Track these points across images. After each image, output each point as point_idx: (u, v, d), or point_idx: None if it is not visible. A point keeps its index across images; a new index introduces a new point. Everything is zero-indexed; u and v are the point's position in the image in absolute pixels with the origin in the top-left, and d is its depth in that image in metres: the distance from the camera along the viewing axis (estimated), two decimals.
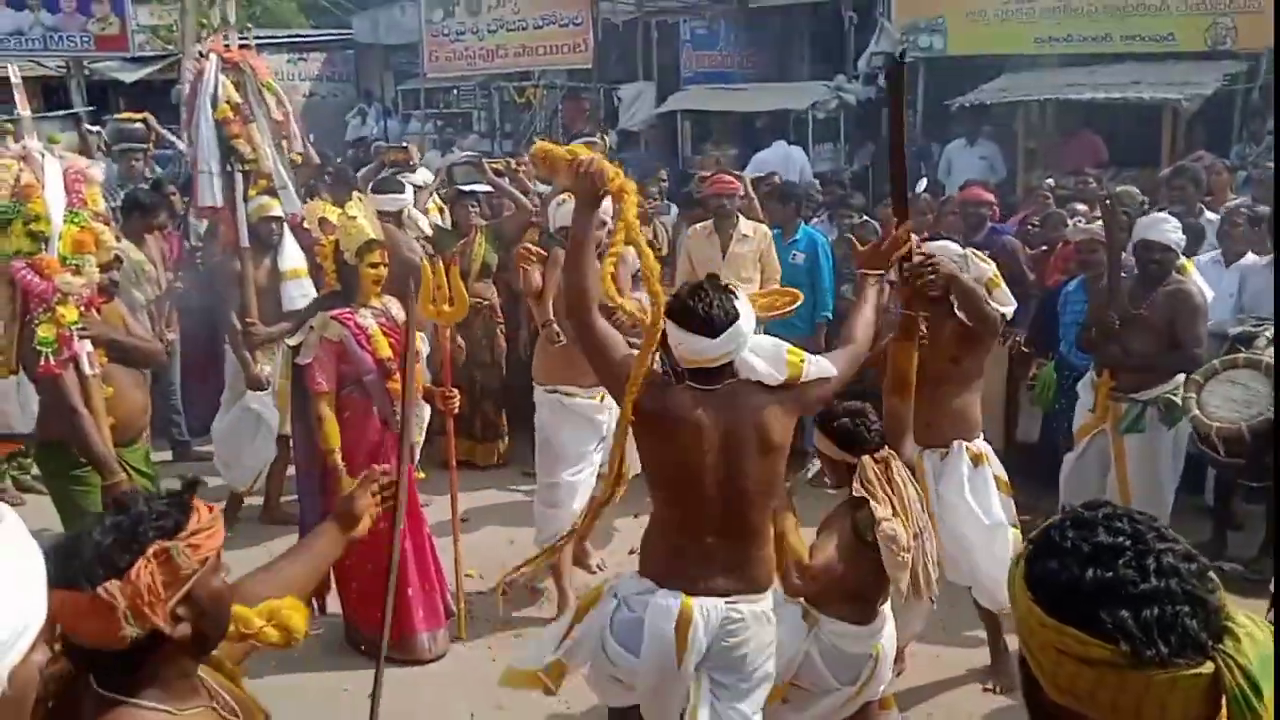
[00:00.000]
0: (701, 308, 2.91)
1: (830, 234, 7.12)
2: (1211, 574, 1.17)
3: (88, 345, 3.89)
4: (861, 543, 3.42)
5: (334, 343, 4.36)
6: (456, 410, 4.70)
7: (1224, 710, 1.11)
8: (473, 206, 6.84)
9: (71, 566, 1.52)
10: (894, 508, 3.46)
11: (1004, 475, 4.35)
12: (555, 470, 4.98)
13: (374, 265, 4.40)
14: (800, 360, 3.05)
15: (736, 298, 2.98)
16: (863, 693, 3.59)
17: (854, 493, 3.42)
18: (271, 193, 5.66)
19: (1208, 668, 1.10)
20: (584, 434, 4.95)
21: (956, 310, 4.24)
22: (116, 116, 9.01)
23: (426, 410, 4.69)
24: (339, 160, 9.04)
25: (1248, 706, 1.08)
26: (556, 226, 5.04)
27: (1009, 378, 6.22)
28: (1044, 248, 6.52)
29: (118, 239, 4.35)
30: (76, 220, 3.77)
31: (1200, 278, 5.37)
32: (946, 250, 4.32)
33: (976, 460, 4.32)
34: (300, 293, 5.70)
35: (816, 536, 3.48)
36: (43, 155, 3.79)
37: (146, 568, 1.54)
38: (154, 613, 1.54)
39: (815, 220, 7.39)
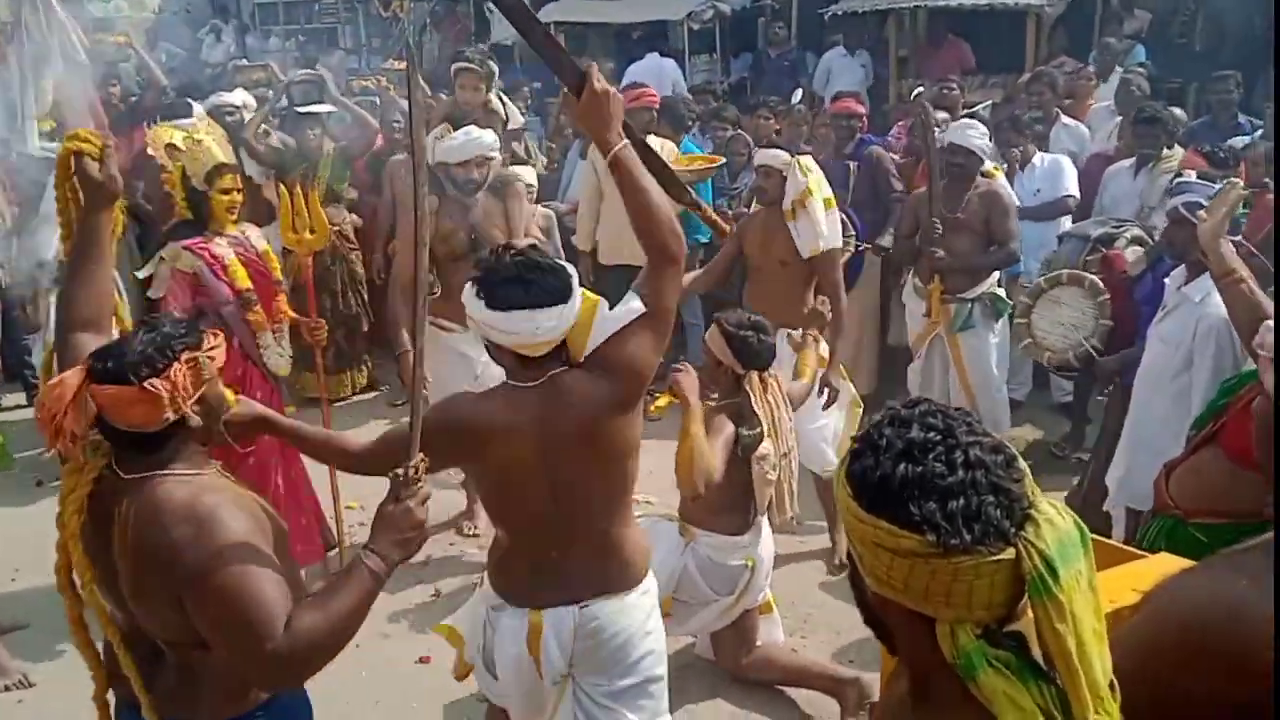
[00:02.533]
0: (525, 275, 2.41)
1: (705, 148, 7.07)
2: (1019, 464, 1.22)
3: None
4: (735, 457, 3.48)
5: (187, 274, 4.16)
6: (325, 341, 4.57)
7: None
8: (312, 128, 6.54)
9: (120, 366, 1.99)
10: (768, 425, 3.52)
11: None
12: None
13: (225, 191, 4.18)
14: (596, 299, 2.57)
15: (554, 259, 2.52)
16: (741, 601, 3.69)
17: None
18: None
19: (1009, 553, 1.15)
20: (457, 370, 4.72)
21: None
22: None
23: (286, 340, 4.52)
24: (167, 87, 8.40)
25: (1045, 588, 1.14)
26: (435, 161, 4.73)
27: (881, 284, 6.33)
28: (913, 156, 6.59)
29: None
30: None
31: (1006, 183, 5.62)
32: (777, 158, 4.65)
33: (796, 347, 4.49)
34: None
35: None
36: None
37: (181, 370, 2.05)
38: (184, 404, 2.05)
39: (688, 134, 7.31)
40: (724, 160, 6.51)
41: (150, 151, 5.54)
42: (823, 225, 4.53)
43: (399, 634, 4.30)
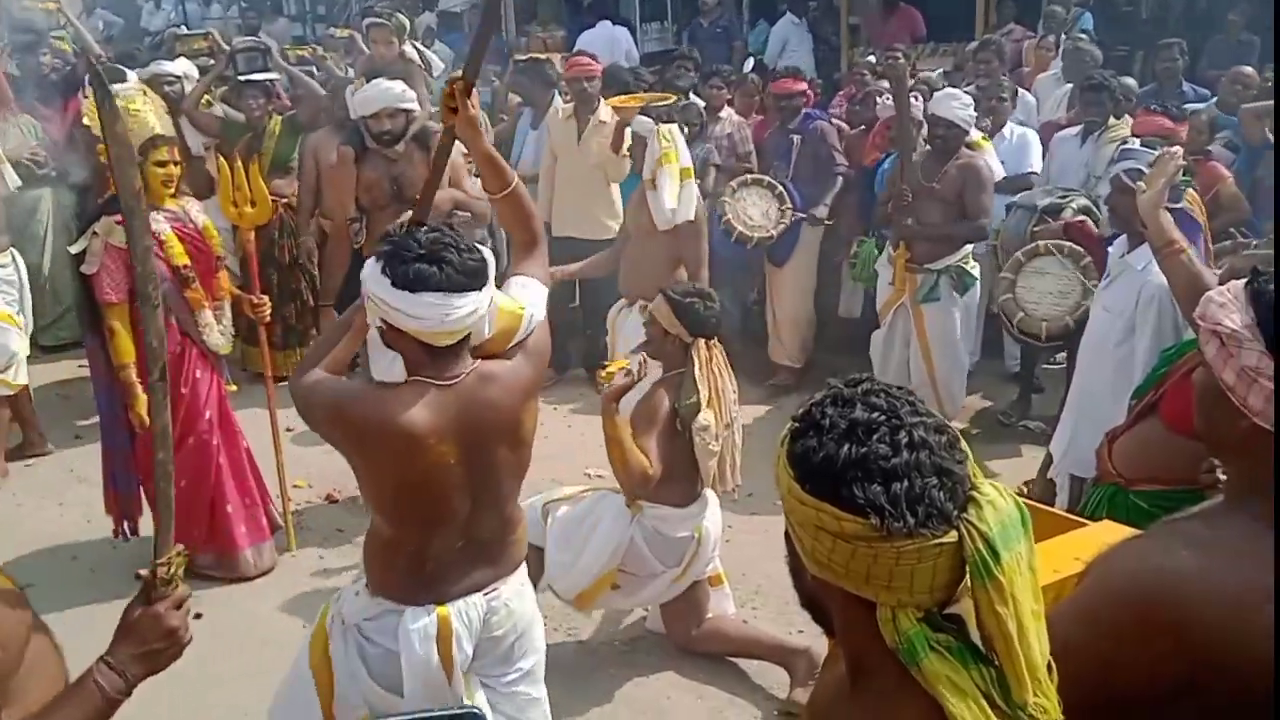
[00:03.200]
0: (439, 254, 2.19)
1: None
2: (961, 444, 1.21)
3: None
4: (676, 429, 3.47)
5: (121, 249, 4.03)
6: (268, 317, 4.48)
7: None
8: (255, 97, 6.38)
9: None
10: (710, 394, 3.51)
11: None
12: (376, 358, 4.84)
13: (161, 164, 4.06)
14: (520, 309, 2.39)
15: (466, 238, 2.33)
16: (688, 573, 3.69)
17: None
18: None
19: (951, 536, 1.14)
20: None
21: None
22: None
23: (227, 317, 4.42)
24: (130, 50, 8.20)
25: (986, 571, 1.13)
26: (356, 115, 4.85)
27: (820, 257, 6.35)
28: (862, 126, 6.58)
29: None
30: None
31: (993, 155, 5.63)
32: (643, 125, 4.78)
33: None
34: None
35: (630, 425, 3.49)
36: None
37: None
38: None
39: None
40: (675, 98, 6.44)
41: (85, 122, 5.38)
42: (669, 197, 4.49)
43: None
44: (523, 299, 2.41)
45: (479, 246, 2.29)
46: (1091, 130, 5.90)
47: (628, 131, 5.92)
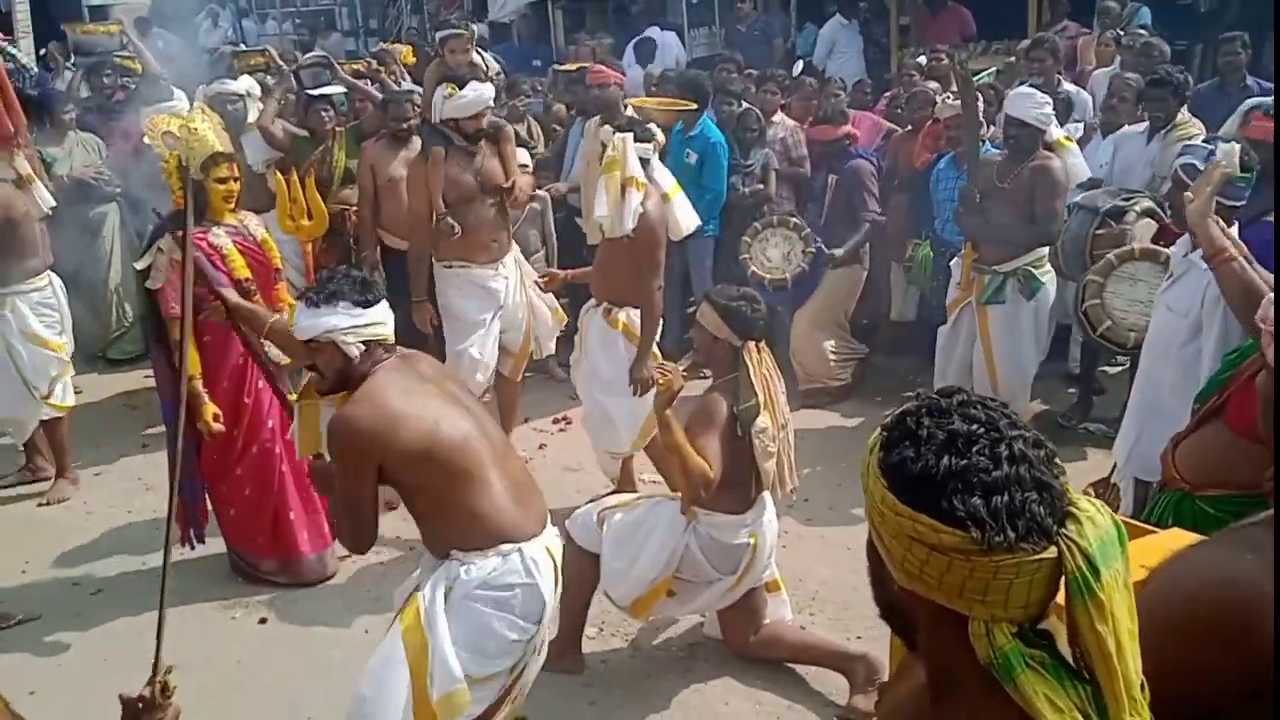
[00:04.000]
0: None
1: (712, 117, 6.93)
2: (1057, 459, 1.19)
3: None
4: (735, 434, 3.47)
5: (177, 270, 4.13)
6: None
7: (1061, 591, 1.14)
8: (324, 110, 6.49)
9: None
10: (764, 397, 3.51)
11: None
12: (461, 336, 5.21)
13: (222, 180, 4.18)
14: None
15: None
16: (744, 579, 3.68)
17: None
18: None
19: (1051, 552, 1.13)
20: (483, 302, 5.20)
21: None
22: None
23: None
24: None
25: (1086, 588, 1.12)
26: (445, 117, 5.15)
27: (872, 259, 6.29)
28: (909, 127, 6.53)
29: None
30: None
31: (1078, 154, 5.48)
32: (605, 133, 4.72)
33: (614, 324, 4.69)
34: None
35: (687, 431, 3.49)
36: None
37: None
38: None
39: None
40: (695, 104, 6.43)
41: (147, 140, 5.51)
42: (601, 205, 4.46)
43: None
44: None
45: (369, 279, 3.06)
46: (1157, 128, 5.73)
47: (656, 135, 5.95)
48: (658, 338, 4.69)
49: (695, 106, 6.40)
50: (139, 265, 4.32)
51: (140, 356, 6.78)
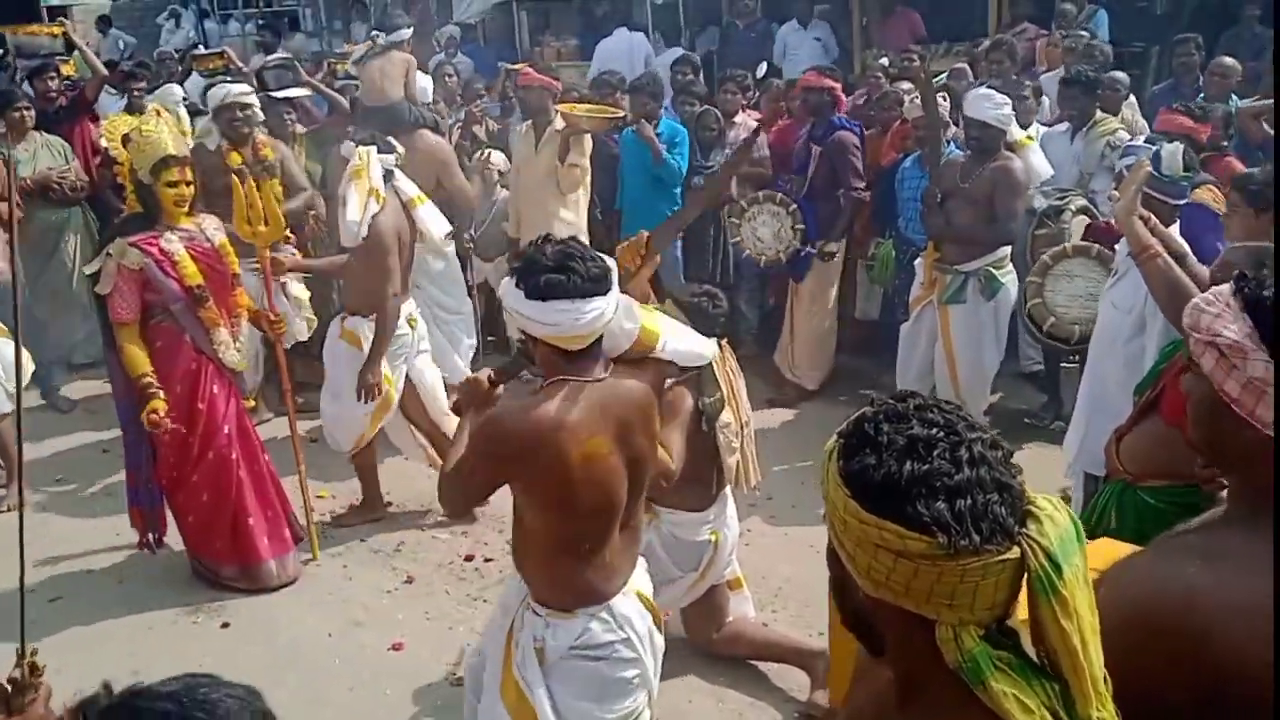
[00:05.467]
0: (564, 263, 2.37)
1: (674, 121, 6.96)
2: (1014, 459, 1.20)
3: None
4: (699, 428, 3.49)
5: (135, 270, 4.10)
6: (283, 332, 4.56)
7: (1024, 590, 1.15)
8: (287, 113, 6.46)
9: None
10: (727, 393, 3.54)
11: None
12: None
13: (172, 184, 4.10)
14: (657, 332, 2.67)
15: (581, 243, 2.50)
16: (706, 577, 3.71)
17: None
18: None
19: (1014, 552, 1.13)
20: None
21: None
22: None
23: (244, 335, 4.48)
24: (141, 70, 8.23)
25: (1050, 585, 1.12)
26: None
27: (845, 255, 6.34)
28: (878, 128, 6.58)
29: None
30: None
31: (1039, 154, 5.55)
32: (348, 148, 4.72)
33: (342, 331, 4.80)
34: None
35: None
36: None
37: None
38: None
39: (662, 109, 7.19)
40: (623, 113, 6.49)
41: (104, 143, 5.46)
42: (353, 210, 4.49)
43: (371, 621, 4.30)
44: (663, 327, 2.73)
45: (601, 255, 2.45)
46: (1076, 126, 5.86)
47: (584, 139, 6.00)
48: None
49: (622, 115, 6.43)
50: (88, 270, 4.29)
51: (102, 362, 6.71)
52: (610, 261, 2.46)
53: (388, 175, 4.64)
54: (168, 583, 4.58)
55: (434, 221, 5.00)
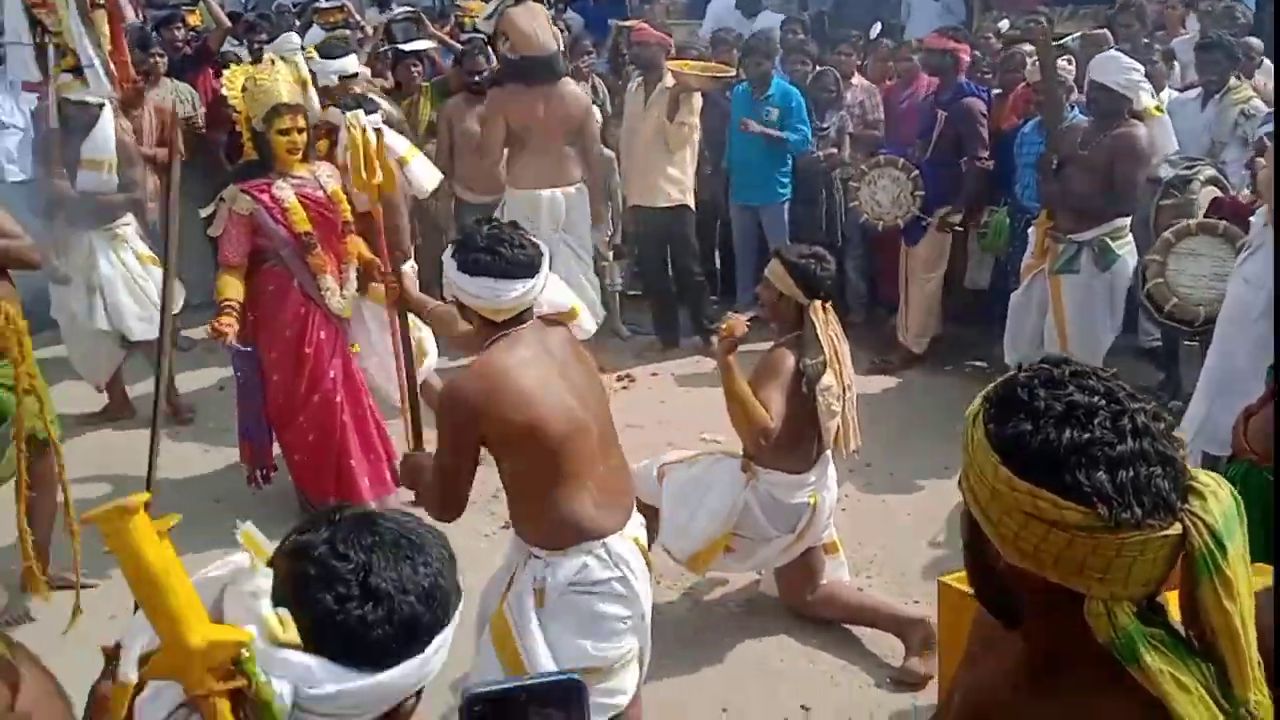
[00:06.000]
0: (493, 246, 2.60)
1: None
2: (1177, 432, 1.15)
3: None
4: (799, 389, 3.48)
5: (244, 216, 4.21)
6: (395, 285, 4.64)
7: (1180, 568, 1.11)
8: (414, 65, 6.56)
9: None
10: (830, 355, 3.51)
11: None
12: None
13: (284, 132, 4.19)
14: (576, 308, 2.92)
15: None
16: (802, 539, 3.69)
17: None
18: (77, 71, 5.14)
19: (1176, 529, 1.09)
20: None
21: None
22: None
23: (352, 282, 4.55)
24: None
25: (1214, 564, 1.08)
26: None
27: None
28: (999, 91, 6.38)
29: None
30: None
31: (1167, 126, 5.30)
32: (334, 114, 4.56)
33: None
34: (94, 186, 5.26)
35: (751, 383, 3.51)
36: None
37: None
38: None
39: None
40: (733, 73, 6.42)
41: (225, 92, 5.61)
42: (418, 171, 4.60)
43: (469, 565, 4.36)
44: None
45: (534, 241, 2.68)
46: (1210, 93, 5.57)
47: (693, 97, 5.93)
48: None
49: (733, 74, 6.35)
50: (203, 212, 4.42)
51: None
52: (543, 248, 2.69)
53: (377, 134, 4.66)
54: (275, 516, 4.75)
55: (424, 174, 4.87)
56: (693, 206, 6.32)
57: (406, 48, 6.62)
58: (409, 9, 7.50)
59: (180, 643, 1.10)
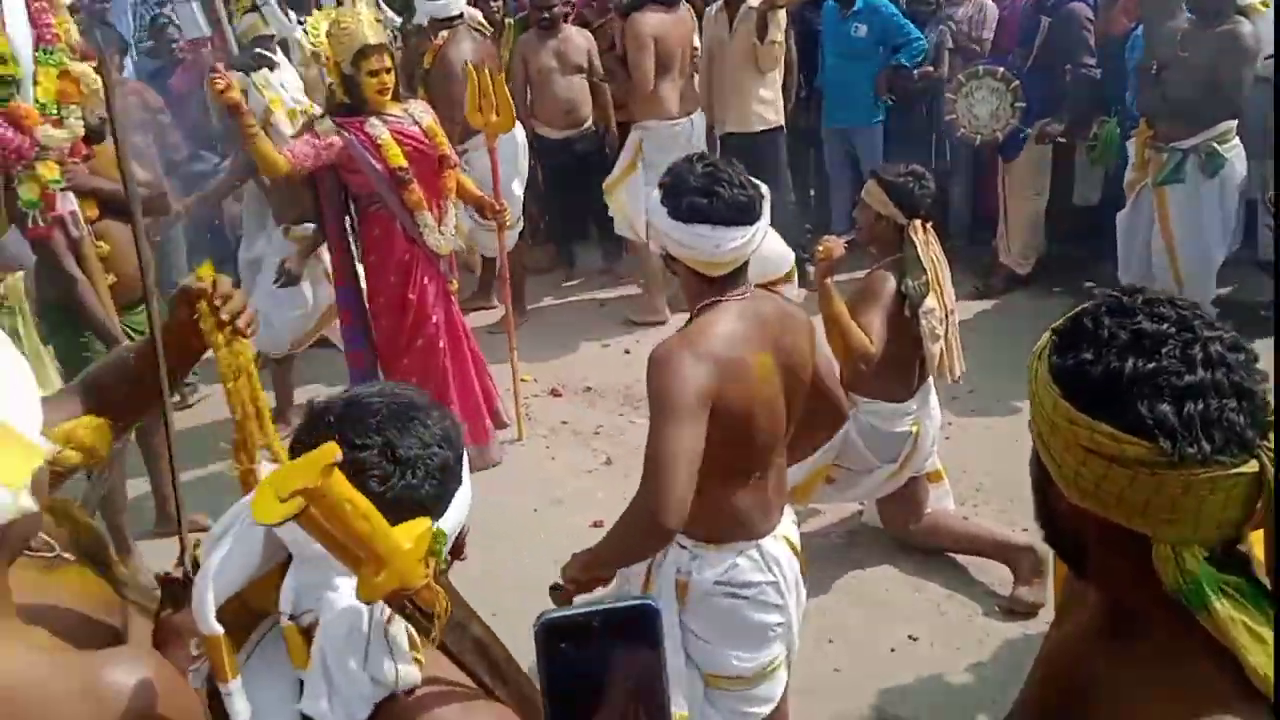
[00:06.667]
0: (710, 187, 2.21)
1: None
2: (1259, 363, 1.06)
3: (71, 201, 3.52)
4: (901, 313, 3.39)
5: (325, 145, 4.16)
6: (508, 221, 4.67)
7: (1259, 511, 1.02)
8: (494, 1, 6.54)
9: None
10: (931, 277, 3.41)
11: None
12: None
13: (373, 73, 4.18)
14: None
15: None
16: (905, 469, 3.64)
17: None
18: (255, 9, 5.30)
19: (1252, 466, 1.00)
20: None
21: None
22: None
23: (450, 218, 4.52)
24: None
25: None
26: None
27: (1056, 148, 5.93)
28: None
29: (100, 70, 4.06)
30: (52, 61, 3.31)
31: (1271, 21, 4.99)
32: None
33: None
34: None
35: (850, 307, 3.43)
36: None
37: None
38: None
39: None
40: None
41: (309, 41, 5.66)
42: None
43: (572, 500, 4.46)
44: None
45: (753, 182, 2.29)
46: None
47: (780, 14, 5.77)
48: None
49: None
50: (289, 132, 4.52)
51: None
52: (764, 189, 2.30)
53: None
54: None
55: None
56: (785, 129, 6.19)
57: None
58: None
59: (398, 551, 1.17)
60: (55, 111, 3.34)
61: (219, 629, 1.22)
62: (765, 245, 2.40)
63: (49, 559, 1.45)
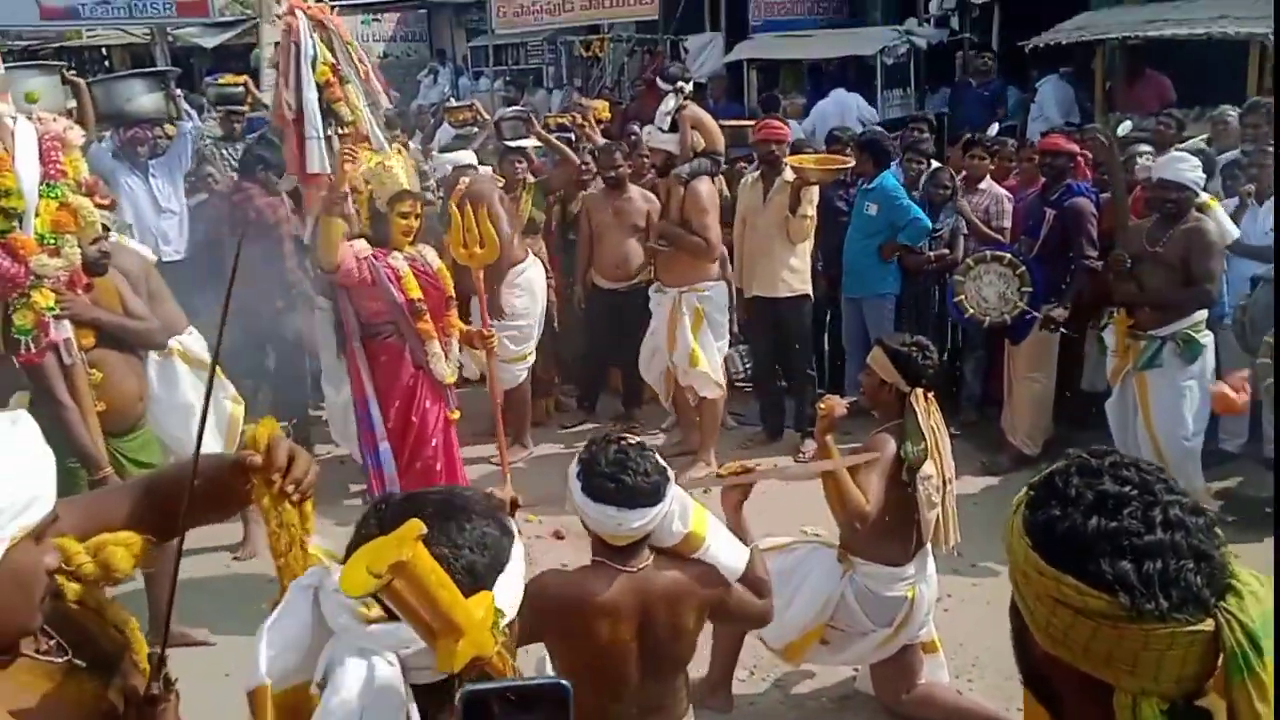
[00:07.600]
0: (617, 474, 2.39)
1: (899, 176, 6.87)
2: (1218, 529, 1.14)
3: (66, 329, 3.60)
4: (899, 477, 3.45)
5: (361, 260, 4.44)
6: (495, 347, 4.85)
7: (1219, 668, 1.08)
8: (519, 162, 6.86)
9: None
10: (930, 445, 3.48)
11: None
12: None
13: (404, 215, 4.52)
14: (703, 535, 2.55)
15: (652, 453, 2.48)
16: (900, 634, 3.62)
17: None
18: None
19: (1208, 625, 1.07)
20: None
21: None
22: (219, 80, 8.79)
23: (454, 351, 4.78)
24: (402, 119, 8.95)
25: (1247, 665, 1.06)
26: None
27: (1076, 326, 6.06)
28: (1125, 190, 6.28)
29: (111, 206, 4.09)
30: (54, 194, 3.42)
31: (1224, 216, 5.36)
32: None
33: None
34: None
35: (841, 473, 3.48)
36: (14, 120, 3.37)
37: None
38: None
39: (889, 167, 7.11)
40: (851, 163, 6.49)
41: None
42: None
43: None
44: (711, 532, 2.57)
45: (661, 466, 2.46)
46: None
47: (812, 190, 6.06)
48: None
49: (850, 165, 6.44)
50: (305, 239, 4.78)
51: None
52: (669, 473, 2.47)
53: None
54: None
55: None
56: (812, 297, 6.41)
57: (513, 144, 6.92)
58: (519, 109, 7.85)
59: (474, 623, 1.24)
60: (53, 241, 3.44)
61: (268, 681, 1.31)
62: (718, 548, 2.56)
63: (58, 664, 1.44)
